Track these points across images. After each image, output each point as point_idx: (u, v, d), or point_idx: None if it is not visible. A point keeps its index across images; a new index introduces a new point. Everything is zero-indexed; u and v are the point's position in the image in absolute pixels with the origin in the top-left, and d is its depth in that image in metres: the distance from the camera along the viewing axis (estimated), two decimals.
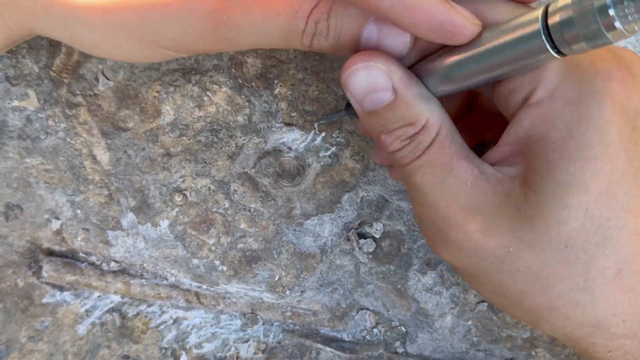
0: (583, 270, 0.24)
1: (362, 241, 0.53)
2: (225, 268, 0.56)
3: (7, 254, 0.55)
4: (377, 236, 0.53)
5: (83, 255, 0.56)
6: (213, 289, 0.57)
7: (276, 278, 0.56)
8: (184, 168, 0.53)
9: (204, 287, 0.57)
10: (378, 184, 0.52)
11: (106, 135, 0.51)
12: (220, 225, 0.55)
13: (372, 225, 0.53)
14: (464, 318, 0.55)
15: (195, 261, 0.56)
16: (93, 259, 0.56)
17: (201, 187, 0.53)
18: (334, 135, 0.51)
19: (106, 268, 0.56)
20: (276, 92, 0.49)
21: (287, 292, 0.56)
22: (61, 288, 0.56)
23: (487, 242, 0.29)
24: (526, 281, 0.26)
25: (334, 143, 0.51)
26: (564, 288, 0.25)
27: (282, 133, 0.50)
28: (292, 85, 0.49)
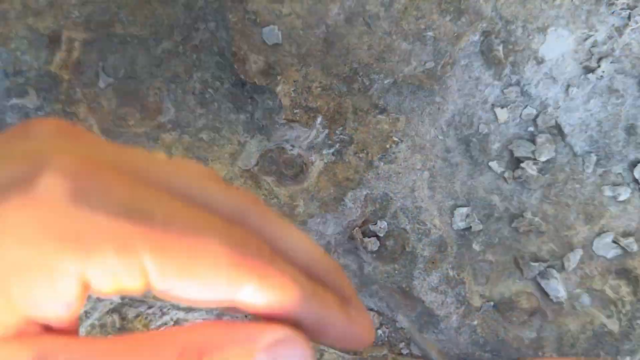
0: None
1: (366, 240, 0.52)
2: None
3: None
4: (382, 235, 0.53)
5: None
6: None
7: None
8: None
9: None
10: (382, 182, 0.52)
11: (106, 132, 0.51)
12: None
13: (376, 223, 0.53)
14: (470, 318, 0.54)
15: None
16: None
17: None
18: (338, 132, 0.50)
19: None
20: (279, 89, 0.49)
21: None
22: None
23: None
24: None
25: (337, 140, 0.50)
26: None
27: (285, 130, 0.50)
28: (295, 81, 0.48)
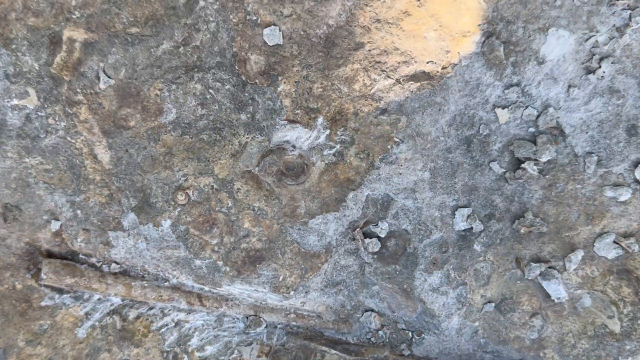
0: None
1: (368, 240, 0.52)
2: (228, 269, 0.55)
3: (6, 256, 0.54)
4: (383, 235, 0.53)
5: (83, 256, 0.55)
6: (215, 291, 0.56)
7: (280, 278, 0.55)
8: (187, 167, 0.52)
9: (206, 289, 0.56)
10: (383, 183, 0.52)
11: (107, 133, 0.51)
12: (223, 224, 0.54)
13: (378, 224, 0.53)
14: (471, 319, 0.54)
15: (197, 262, 0.55)
16: (93, 261, 0.55)
17: (204, 186, 0.53)
18: (339, 133, 0.50)
19: (107, 270, 0.55)
20: (280, 89, 0.49)
21: (292, 293, 0.56)
22: (60, 291, 0.55)
23: None
24: None
25: (339, 141, 0.50)
26: None
27: (286, 131, 0.50)
28: (297, 82, 0.48)
